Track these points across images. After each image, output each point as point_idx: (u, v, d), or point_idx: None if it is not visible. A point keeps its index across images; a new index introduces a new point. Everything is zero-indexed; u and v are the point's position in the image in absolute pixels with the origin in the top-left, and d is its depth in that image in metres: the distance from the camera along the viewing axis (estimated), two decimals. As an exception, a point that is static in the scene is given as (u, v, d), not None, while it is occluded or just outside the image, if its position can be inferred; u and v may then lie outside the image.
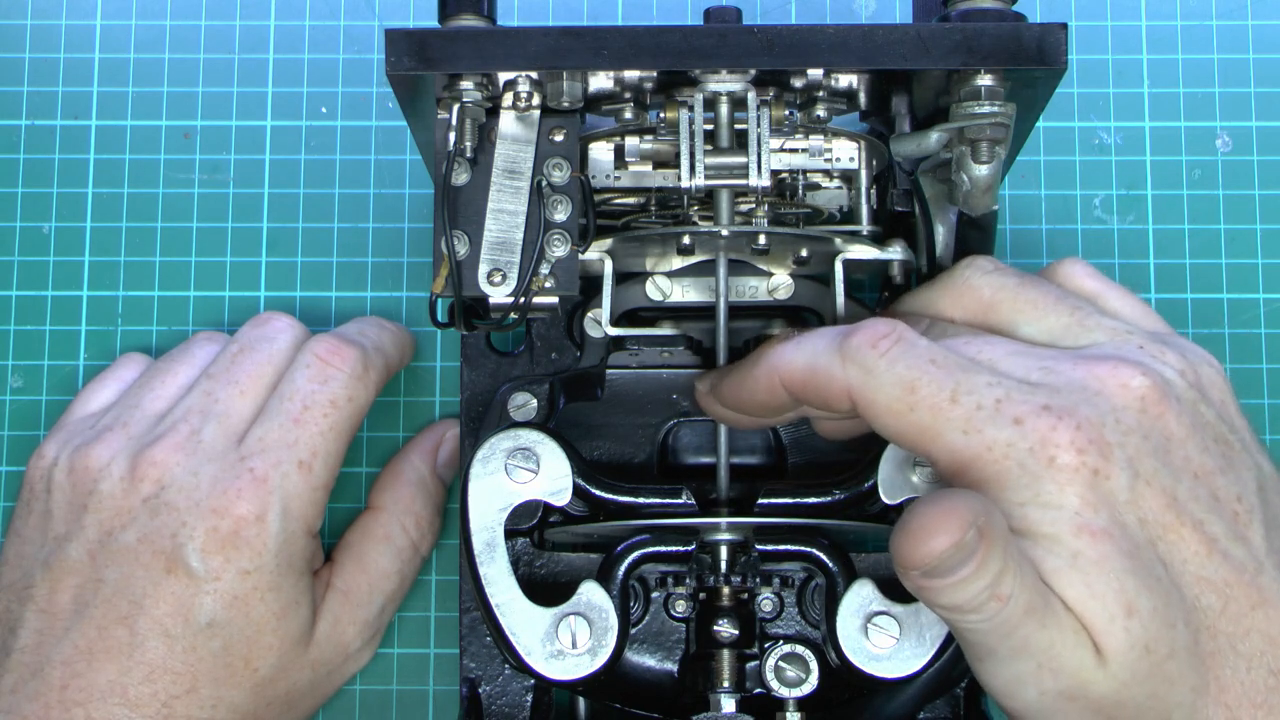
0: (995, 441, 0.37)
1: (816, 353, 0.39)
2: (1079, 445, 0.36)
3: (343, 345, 0.49)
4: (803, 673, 0.44)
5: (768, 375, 0.41)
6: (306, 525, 0.47)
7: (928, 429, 0.37)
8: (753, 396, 0.42)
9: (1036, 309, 0.41)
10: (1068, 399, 0.37)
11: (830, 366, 0.39)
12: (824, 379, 0.39)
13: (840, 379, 0.39)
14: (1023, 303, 0.41)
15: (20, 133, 0.56)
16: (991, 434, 0.37)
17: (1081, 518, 0.36)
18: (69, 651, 0.45)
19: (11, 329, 0.55)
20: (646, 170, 0.46)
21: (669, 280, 0.49)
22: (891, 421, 0.38)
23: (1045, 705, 0.37)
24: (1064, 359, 0.39)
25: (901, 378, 0.38)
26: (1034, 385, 0.38)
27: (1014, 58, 0.41)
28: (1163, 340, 0.40)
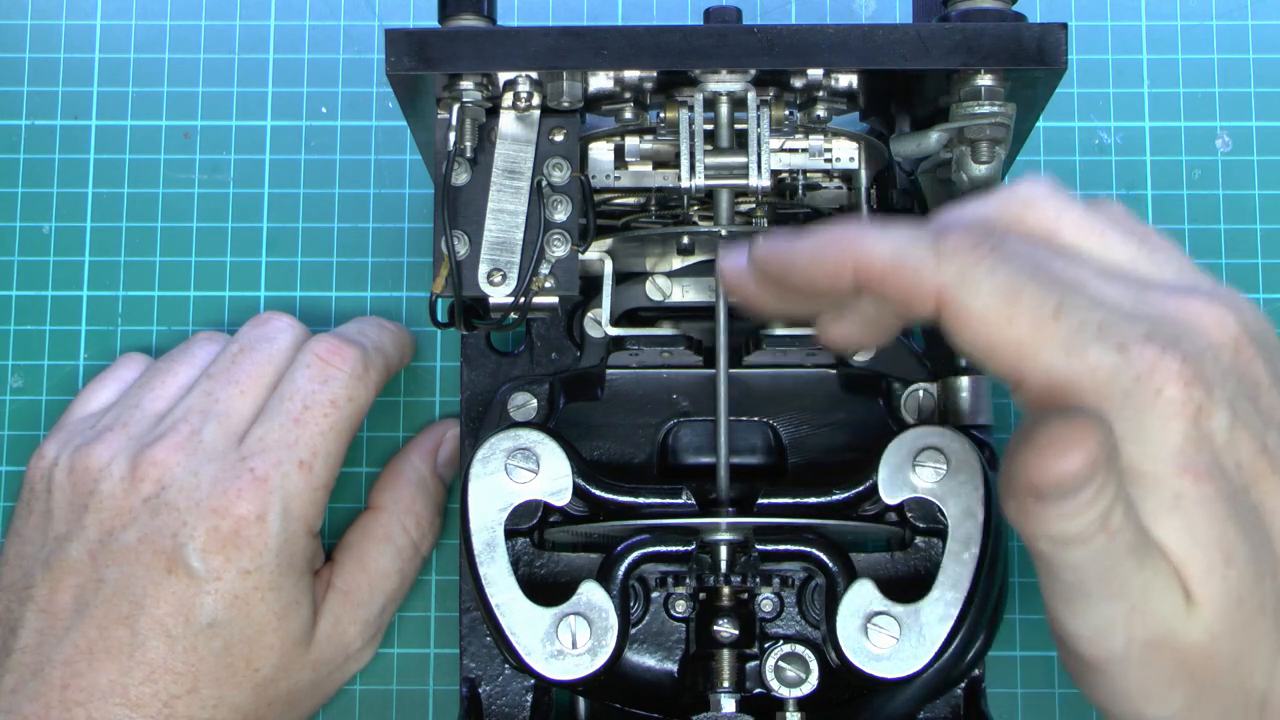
0: (1099, 365, 0.33)
1: (907, 245, 0.35)
2: (1186, 379, 0.33)
3: (343, 345, 0.49)
4: (803, 673, 0.44)
5: (840, 255, 0.36)
6: (307, 525, 0.47)
7: (1025, 344, 0.34)
8: (810, 275, 0.37)
9: (1104, 237, 0.37)
10: (1168, 331, 0.34)
11: (922, 262, 0.34)
12: (911, 275, 0.35)
13: (931, 278, 0.34)
14: (1090, 229, 0.37)
15: (20, 133, 0.56)
16: (1096, 357, 0.33)
17: (1185, 457, 0.34)
18: (69, 651, 0.45)
19: (11, 329, 0.55)
20: (646, 170, 0.46)
21: (669, 280, 0.49)
22: (984, 333, 0.34)
23: (1131, 654, 0.35)
24: (1153, 289, 0.36)
25: (1003, 285, 0.34)
26: (1131, 312, 0.35)
27: (1014, 58, 0.41)
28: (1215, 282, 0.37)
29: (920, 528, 0.47)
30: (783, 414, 0.48)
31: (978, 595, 0.43)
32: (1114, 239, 0.37)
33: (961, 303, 0.34)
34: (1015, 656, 0.52)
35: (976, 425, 0.46)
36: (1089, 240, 0.37)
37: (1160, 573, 0.34)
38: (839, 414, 0.48)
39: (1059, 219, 0.37)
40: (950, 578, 0.43)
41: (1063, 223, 0.37)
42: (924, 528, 0.47)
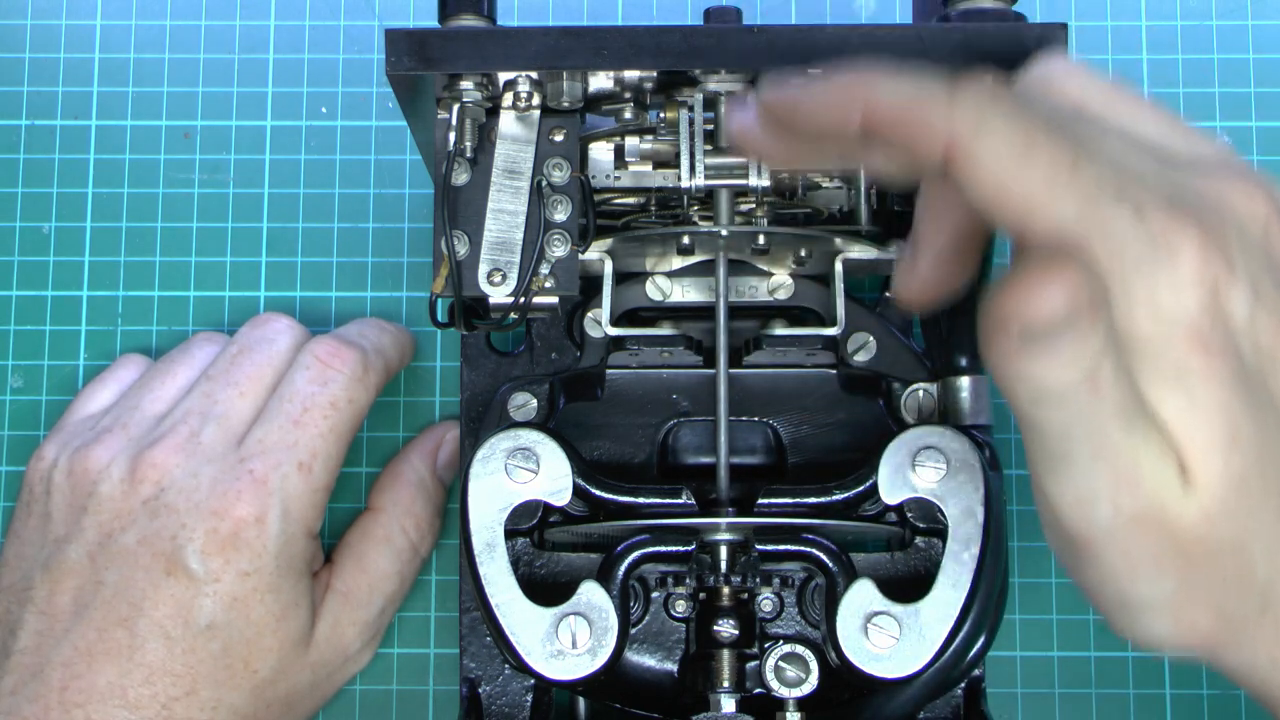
0: (1114, 227, 0.32)
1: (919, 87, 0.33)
2: (1205, 249, 0.32)
3: (342, 347, 0.49)
4: (803, 673, 0.44)
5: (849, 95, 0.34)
6: (306, 527, 0.47)
7: (1037, 195, 0.32)
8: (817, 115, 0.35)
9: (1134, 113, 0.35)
10: (1192, 201, 0.33)
11: (934, 105, 0.33)
12: (922, 117, 0.33)
13: (942, 121, 0.33)
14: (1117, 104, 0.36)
15: (20, 133, 0.56)
16: (1111, 212, 0.32)
17: (1197, 328, 0.32)
18: (68, 653, 0.45)
19: (11, 329, 0.55)
20: (646, 170, 0.46)
21: (669, 280, 0.49)
22: (994, 181, 0.32)
23: (1117, 528, 0.33)
24: (1180, 162, 0.34)
25: (1020, 132, 0.32)
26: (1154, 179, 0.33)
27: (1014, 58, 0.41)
28: None
29: (920, 528, 0.47)
30: (783, 414, 0.48)
31: (978, 595, 0.43)
32: (1145, 115, 0.36)
33: (973, 150, 0.32)
34: (1015, 656, 0.52)
35: (976, 425, 0.46)
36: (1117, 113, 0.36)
37: (1152, 444, 0.33)
38: (839, 414, 0.48)
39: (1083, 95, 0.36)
40: (950, 578, 0.43)
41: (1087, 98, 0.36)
42: (924, 528, 0.47)
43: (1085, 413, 0.32)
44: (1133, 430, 0.32)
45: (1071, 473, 0.33)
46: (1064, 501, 0.34)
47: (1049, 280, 0.30)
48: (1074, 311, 0.30)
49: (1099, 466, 0.33)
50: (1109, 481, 0.33)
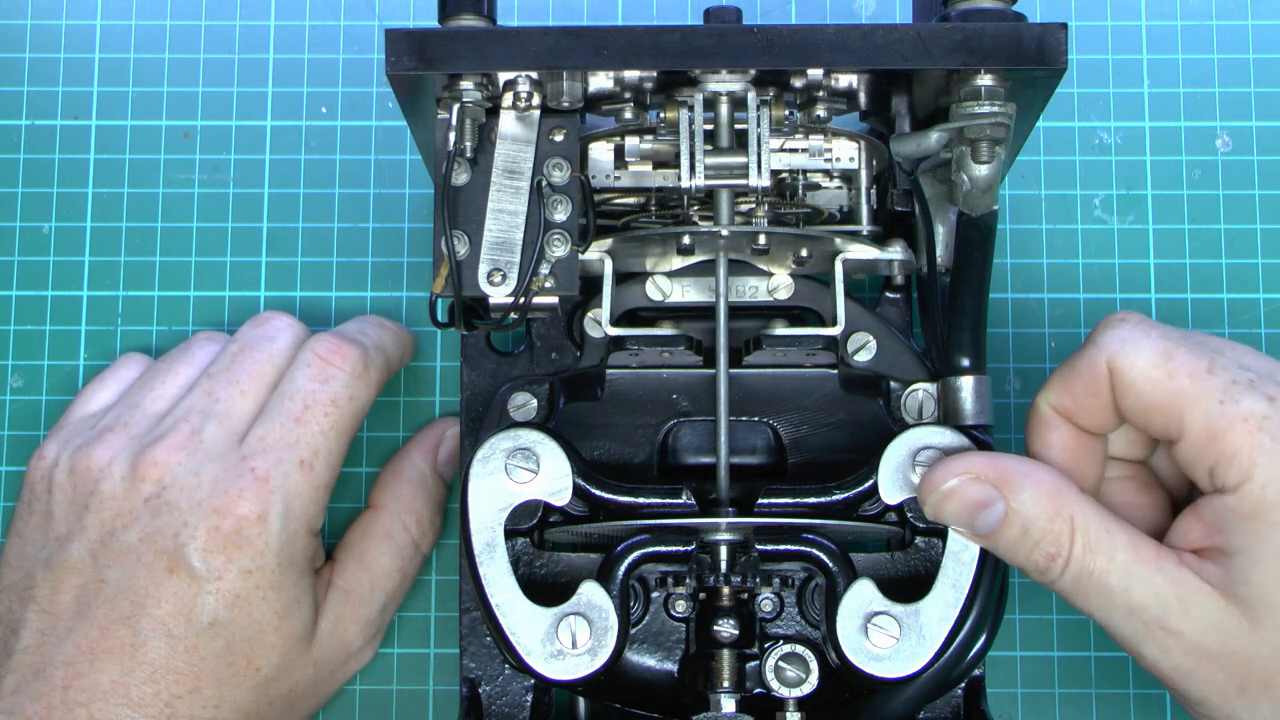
0: (1252, 413, 0.39)
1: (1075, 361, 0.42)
2: None
3: (343, 344, 0.49)
4: (803, 673, 0.44)
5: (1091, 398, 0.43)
6: (308, 524, 0.47)
7: (1185, 394, 0.40)
8: None
9: None
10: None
11: (1087, 355, 0.42)
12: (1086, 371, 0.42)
13: (1099, 355, 0.41)
14: None
15: (20, 133, 0.56)
16: (1249, 404, 0.39)
17: None
18: (71, 652, 0.45)
19: (11, 329, 0.55)
20: (646, 170, 0.46)
21: (669, 280, 0.49)
22: (1148, 389, 0.40)
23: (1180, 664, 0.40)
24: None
25: (1160, 345, 0.40)
26: (1272, 375, 0.40)
27: (1014, 58, 0.41)
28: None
29: (920, 528, 0.47)
30: (783, 414, 0.48)
31: (978, 595, 0.43)
32: None
33: (1126, 363, 0.41)
34: (1015, 656, 0.52)
35: (977, 425, 0.46)
36: None
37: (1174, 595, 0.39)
38: (839, 414, 0.48)
39: None
40: (950, 578, 0.43)
41: None
42: (924, 528, 0.47)
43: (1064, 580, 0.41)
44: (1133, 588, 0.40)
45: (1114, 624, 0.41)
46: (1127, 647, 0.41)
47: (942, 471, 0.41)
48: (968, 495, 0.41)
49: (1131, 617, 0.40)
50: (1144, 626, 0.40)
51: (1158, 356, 0.40)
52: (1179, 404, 0.40)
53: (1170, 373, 0.40)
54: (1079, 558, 0.40)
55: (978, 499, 0.41)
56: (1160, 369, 0.40)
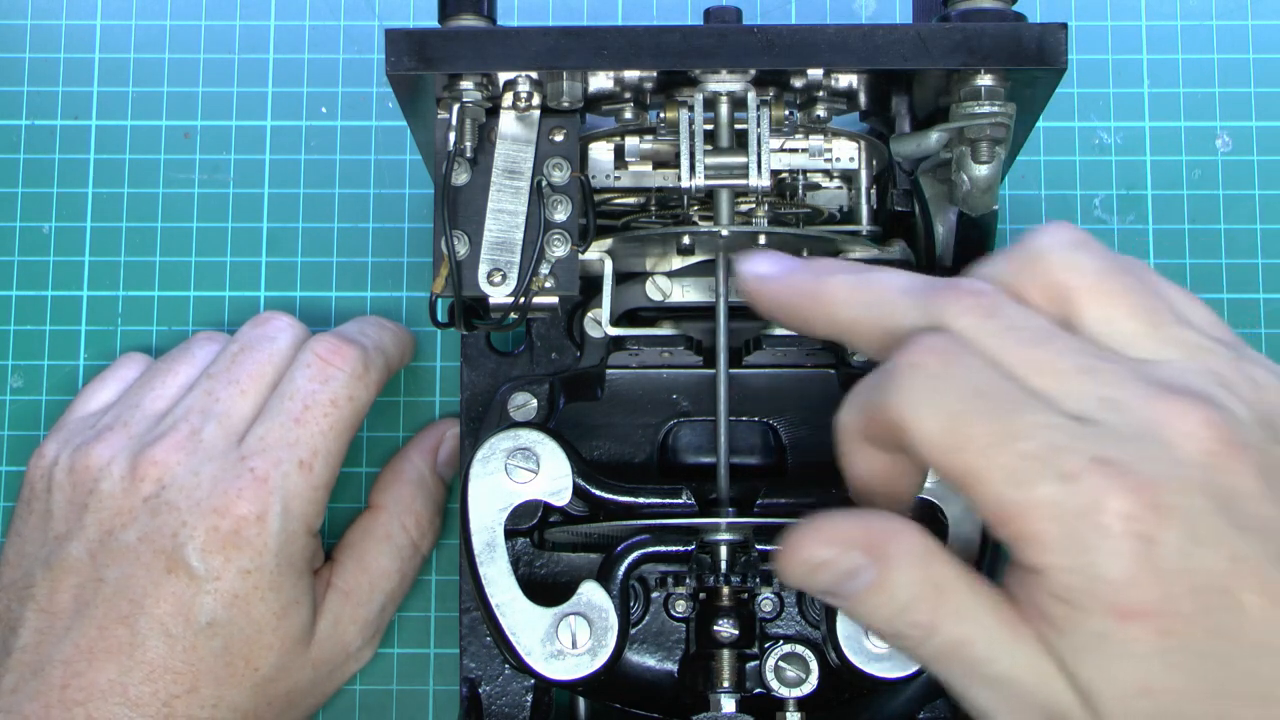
0: (1041, 499, 0.33)
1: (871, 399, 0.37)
2: (1131, 511, 0.32)
3: (343, 344, 0.49)
4: (803, 673, 0.44)
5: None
6: (307, 524, 0.47)
7: (973, 473, 0.34)
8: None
9: (1112, 307, 0.36)
10: (1125, 450, 0.33)
11: (879, 401, 0.36)
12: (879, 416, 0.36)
13: (887, 409, 0.35)
14: (1100, 295, 0.36)
15: (20, 133, 0.56)
16: (1040, 490, 0.33)
17: (1123, 595, 0.33)
18: (69, 651, 0.45)
19: (11, 329, 0.55)
20: (646, 170, 0.46)
21: (669, 280, 0.49)
22: (935, 456, 0.34)
23: None
24: (1130, 386, 0.34)
25: (948, 409, 0.34)
26: (1091, 425, 0.34)
27: (1014, 58, 0.41)
28: (1235, 359, 0.36)
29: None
30: (783, 414, 0.48)
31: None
32: (1121, 309, 0.36)
33: (913, 431, 0.35)
34: (1015, 656, 0.52)
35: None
36: (1096, 309, 0.36)
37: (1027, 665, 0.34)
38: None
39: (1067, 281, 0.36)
40: (950, 578, 0.43)
41: (1071, 284, 0.36)
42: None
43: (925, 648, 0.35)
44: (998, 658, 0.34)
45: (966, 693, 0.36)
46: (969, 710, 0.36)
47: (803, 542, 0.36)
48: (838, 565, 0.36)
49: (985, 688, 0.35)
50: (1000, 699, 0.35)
51: (946, 423, 0.34)
52: (966, 481, 0.34)
53: (959, 445, 0.34)
54: (946, 627, 0.35)
55: (848, 568, 0.36)
56: (949, 438, 0.34)
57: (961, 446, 0.34)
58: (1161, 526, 0.32)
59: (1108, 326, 0.36)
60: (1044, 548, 0.33)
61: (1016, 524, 0.33)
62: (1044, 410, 0.34)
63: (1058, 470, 0.33)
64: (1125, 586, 0.33)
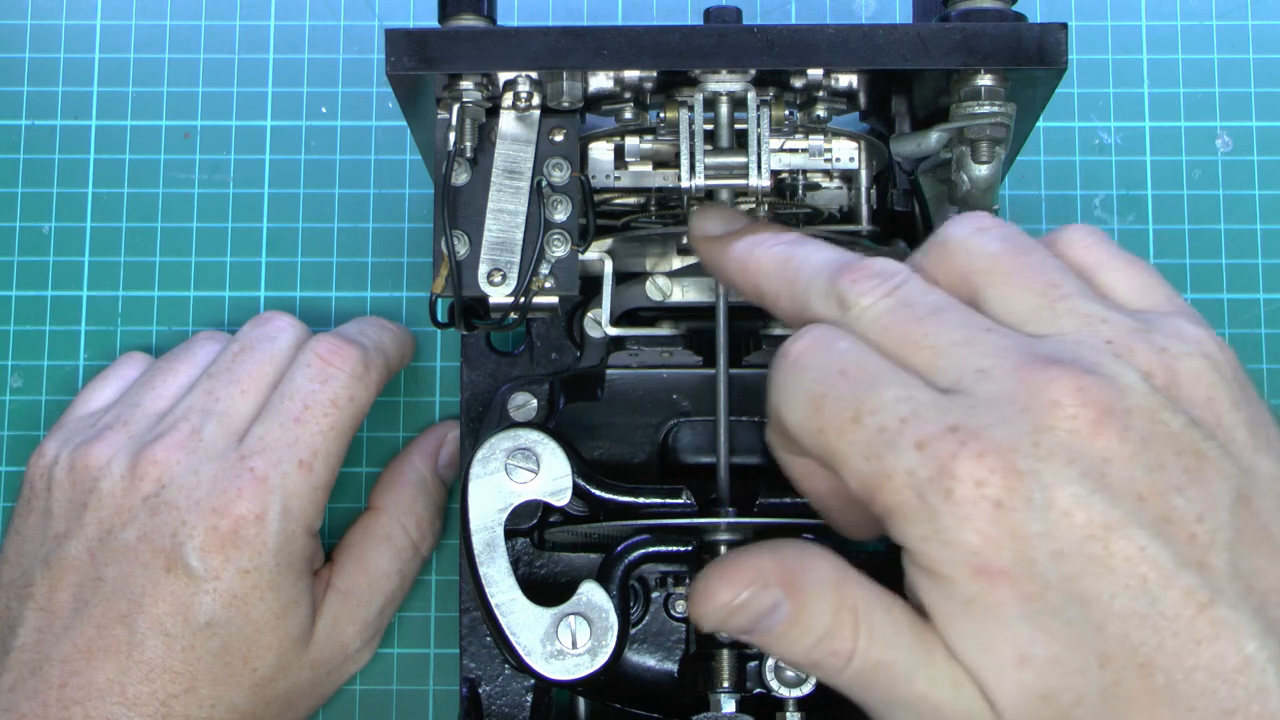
0: (895, 470, 0.33)
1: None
2: (978, 476, 0.32)
3: (343, 345, 0.49)
4: (803, 673, 0.44)
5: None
6: (306, 525, 0.47)
7: (834, 452, 0.34)
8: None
9: (1009, 284, 0.36)
10: (982, 417, 0.33)
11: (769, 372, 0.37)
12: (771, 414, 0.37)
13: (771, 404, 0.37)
14: (997, 275, 0.36)
15: (20, 133, 0.56)
16: (891, 461, 0.33)
17: (980, 557, 0.33)
18: (68, 650, 0.45)
19: (11, 329, 0.55)
20: (646, 170, 0.46)
21: (669, 280, 0.49)
22: (807, 442, 0.35)
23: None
24: (1007, 356, 0.34)
25: (810, 392, 0.35)
26: (954, 396, 0.34)
27: (1014, 58, 0.41)
28: (1145, 330, 0.35)
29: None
30: (783, 414, 0.48)
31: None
32: (1017, 287, 0.36)
33: (785, 417, 0.36)
34: (1015, 656, 0.52)
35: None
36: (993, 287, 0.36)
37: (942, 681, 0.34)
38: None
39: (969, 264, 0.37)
40: (950, 578, 0.43)
41: (972, 266, 0.37)
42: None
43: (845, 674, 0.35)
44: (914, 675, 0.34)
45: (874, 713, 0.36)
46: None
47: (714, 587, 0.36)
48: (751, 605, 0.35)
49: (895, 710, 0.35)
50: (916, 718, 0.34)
51: (808, 408, 0.35)
52: (833, 460, 0.35)
53: (820, 426, 0.34)
54: (864, 651, 0.35)
55: (765, 607, 0.36)
56: (812, 421, 0.35)
57: (821, 428, 0.35)
58: (1011, 491, 0.32)
59: (1004, 304, 0.36)
60: (904, 519, 0.33)
61: (878, 498, 0.34)
62: (903, 384, 0.34)
63: (910, 440, 0.33)
64: (981, 549, 0.33)
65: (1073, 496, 0.33)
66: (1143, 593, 0.32)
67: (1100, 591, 0.33)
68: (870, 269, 0.37)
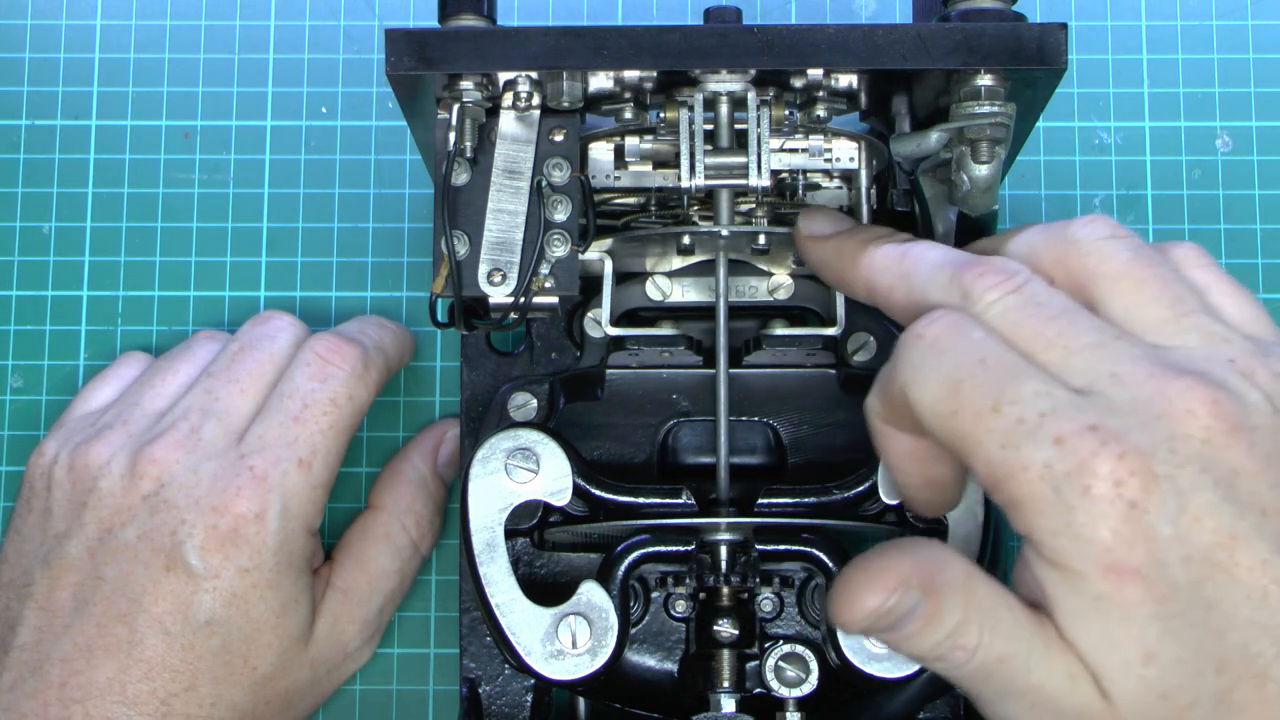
0: (1031, 461, 0.34)
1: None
2: (1118, 476, 0.33)
3: (343, 344, 0.49)
4: (803, 673, 0.44)
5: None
6: (306, 523, 0.47)
7: (968, 437, 0.35)
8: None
9: (1138, 293, 0.37)
10: (1121, 421, 0.34)
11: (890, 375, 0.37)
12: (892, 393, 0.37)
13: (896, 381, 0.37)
14: (1126, 282, 0.37)
15: (20, 133, 0.56)
16: (1028, 453, 0.34)
17: (1112, 555, 0.33)
18: (68, 649, 0.45)
19: (11, 329, 0.55)
20: (646, 170, 0.46)
21: (669, 280, 0.49)
22: (935, 424, 0.36)
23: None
24: (1141, 364, 0.35)
25: (948, 376, 0.35)
26: (1090, 397, 0.35)
27: (1014, 58, 0.41)
28: (1262, 354, 0.36)
29: (920, 528, 0.47)
30: (783, 414, 0.48)
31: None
32: (1145, 296, 0.37)
33: (915, 395, 0.36)
34: (1015, 656, 0.52)
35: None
36: (1121, 295, 0.37)
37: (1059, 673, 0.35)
38: (839, 414, 0.48)
39: (1098, 269, 0.38)
40: (950, 578, 0.43)
41: (1101, 271, 0.38)
42: (924, 528, 0.47)
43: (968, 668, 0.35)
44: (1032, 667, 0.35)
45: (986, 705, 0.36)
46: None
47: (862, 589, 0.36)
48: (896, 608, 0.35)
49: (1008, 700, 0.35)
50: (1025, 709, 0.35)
51: (944, 390, 0.35)
52: (963, 446, 0.35)
53: (955, 410, 0.35)
54: (988, 645, 0.35)
55: (907, 609, 0.36)
56: (946, 404, 0.35)
57: (957, 411, 0.35)
58: (1149, 494, 0.33)
59: (1128, 312, 0.37)
60: (1034, 510, 0.34)
61: (1008, 486, 0.34)
62: (1043, 380, 0.35)
63: (1050, 434, 0.34)
64: (1114, 547, 0.33)
65: (1205, 504, 0.33)
66: (1263, 605, 0.33)
67: (1223, 599, 0.33)
68: (994, 265, 0.38)
